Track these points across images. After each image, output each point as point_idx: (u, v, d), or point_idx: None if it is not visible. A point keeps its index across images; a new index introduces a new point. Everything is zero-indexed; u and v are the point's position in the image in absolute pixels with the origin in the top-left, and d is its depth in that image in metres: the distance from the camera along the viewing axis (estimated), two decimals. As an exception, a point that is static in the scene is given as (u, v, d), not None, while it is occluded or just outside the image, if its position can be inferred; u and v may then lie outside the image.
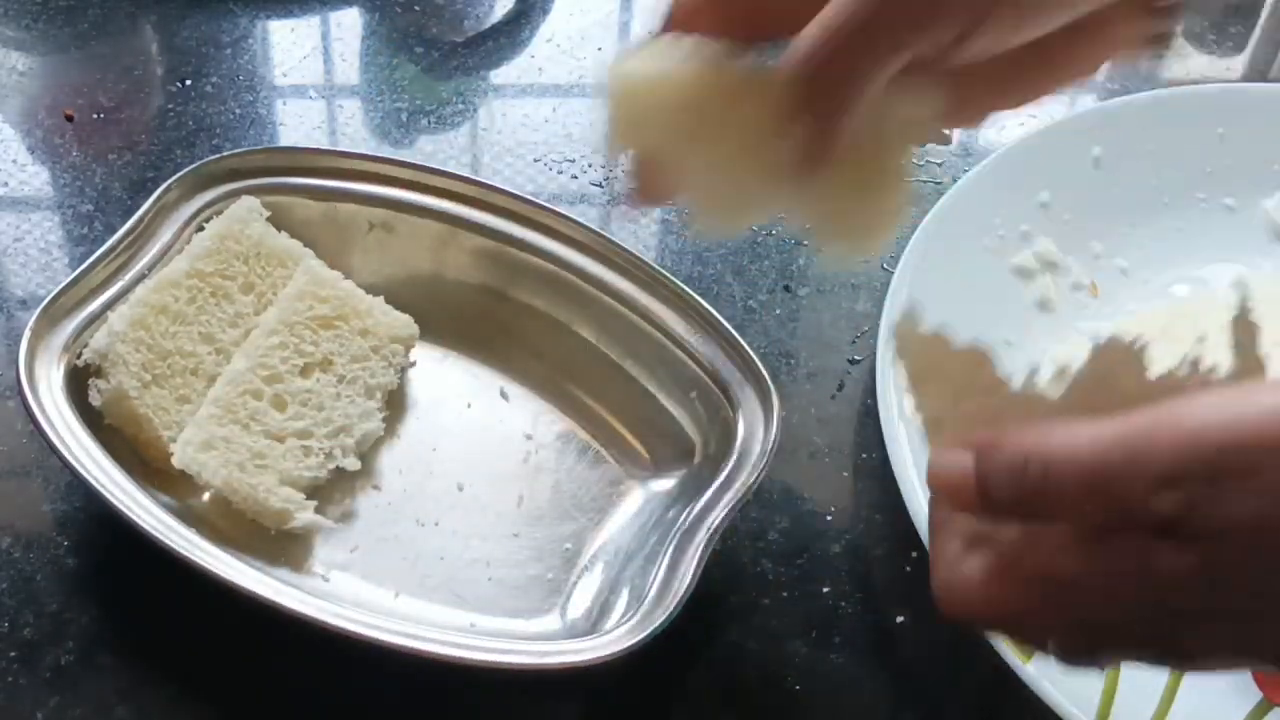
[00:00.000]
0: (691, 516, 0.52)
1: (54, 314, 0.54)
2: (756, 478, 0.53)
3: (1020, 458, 0.34)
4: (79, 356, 0.54)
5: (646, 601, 0.49)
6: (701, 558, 0.50)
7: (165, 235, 0.58)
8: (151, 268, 0.57)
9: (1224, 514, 0.31)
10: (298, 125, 0.74)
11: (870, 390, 0.61)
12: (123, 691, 0.50)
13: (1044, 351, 0.63)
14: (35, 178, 0.70)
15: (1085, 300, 0.65)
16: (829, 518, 0.58)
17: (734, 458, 0.54)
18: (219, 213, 0.59)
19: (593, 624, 0.52)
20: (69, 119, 0.72)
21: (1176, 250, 0.67)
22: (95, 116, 0.73)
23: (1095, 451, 0.33)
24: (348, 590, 0.53)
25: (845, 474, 0.60)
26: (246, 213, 0.59)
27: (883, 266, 0.68)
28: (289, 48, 0.79)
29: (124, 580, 0.54)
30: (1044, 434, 0.34)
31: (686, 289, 0.59)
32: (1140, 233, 0.67)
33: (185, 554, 0.48)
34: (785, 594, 0.55)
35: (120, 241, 0.56)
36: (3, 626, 0.52)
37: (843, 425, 0.62)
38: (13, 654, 0.51)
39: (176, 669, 0.51)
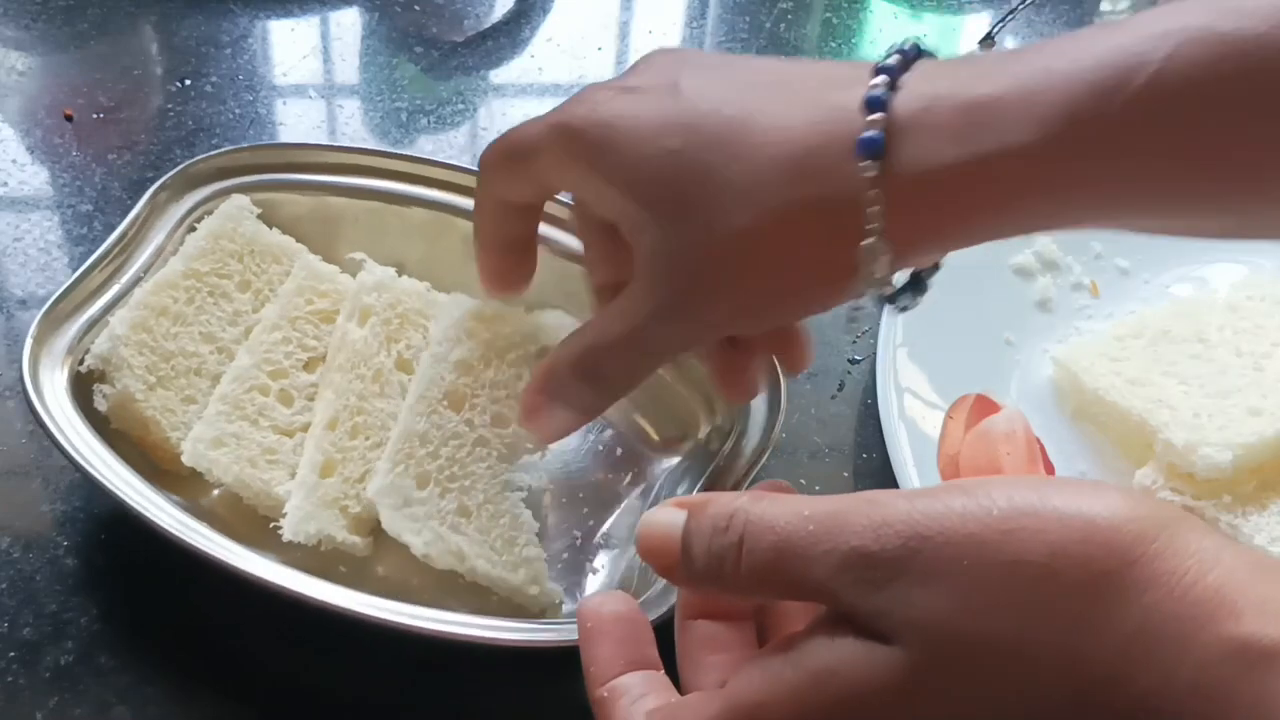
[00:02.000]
0: (702, 488, 0.53)
1: (54, 319, 0.54)
2: (768, 447, 0.54)
3: (726, 515, 0.34)
4: (81, 362, 0.53)
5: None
6: None
7: (158, 237, 0.58)
8: (147, 270, 0.57)
9: (906, 611, 0.31)
10: (297, 125, 0.74)
11: (870, 390, 0.61)
12: (123, 691, 0.50)
13: (1044, 352, 0.63)
14: (35, 177, 0.70)
15: (1085, 300, 0.65)
16: (829, 518, 0.58)
17: (742, 428, 0.55)
18: (209, 212, 0.59)
19: None
20: (69, 119, 0.72)
21: (1176, 250, 0.67)
22: (95, 116, 0.72)
23: (791, 520, 0.33)
24: (358, 583, 0.52)
25: (845, 474, 0.60)
26: (237, 211, 0.59)
27: (883, 266, 0.68)
28: (289, 47, 0.79)
29: (124, 580, 0.54)
30: (752, 499, 0.34)
31: None
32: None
33: (212, 553, 0.48)
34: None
35: (115, 245, 0.56)
36: (2, 626, 0.52)
37: (843, 425, 0.62)
38: (12, 654, 0.51)
39: (176, 669, 0.51)
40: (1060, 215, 0.39)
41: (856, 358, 0.65)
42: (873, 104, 0.37)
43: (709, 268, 0.40)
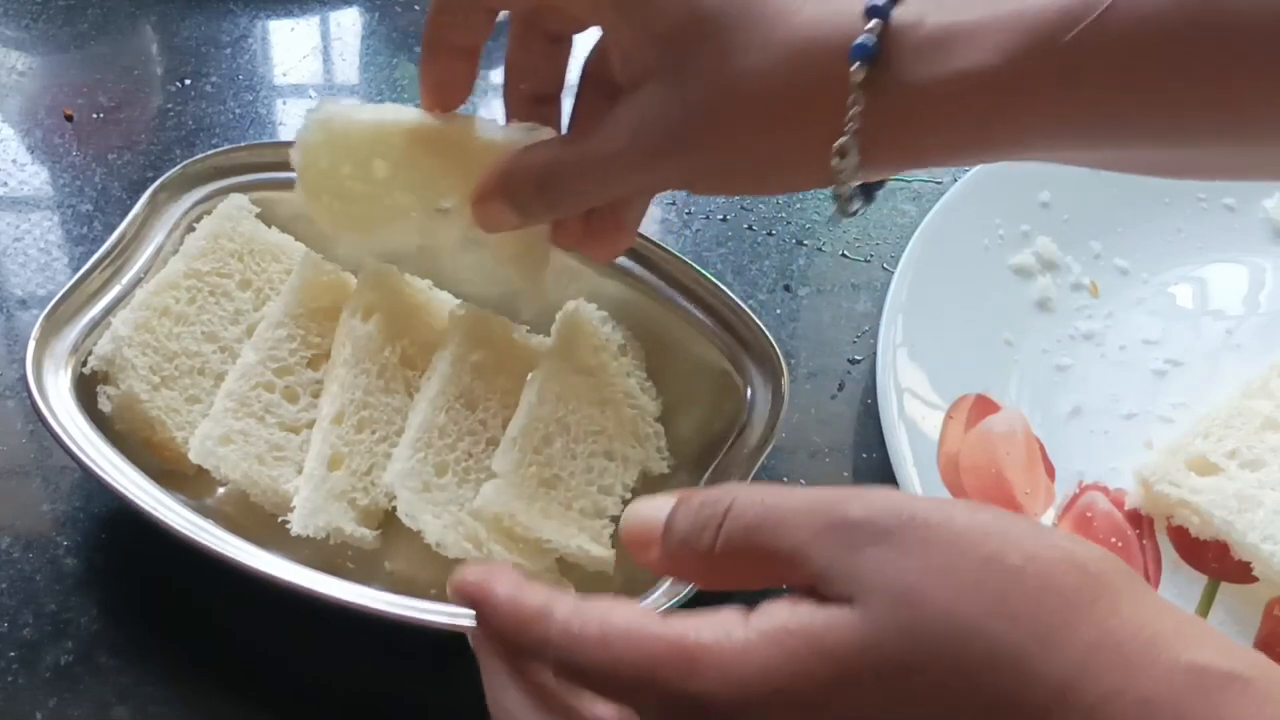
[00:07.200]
0: (707, 480, 0.53)
1: (56, 321, 0.54)
2: (769, 444, 0.54)
3: (717, 493, 0.35)
4: (84, 364, 0.53)
5: None
6: None
7: (158, 237, 0.58)
8: (147, 270, 0.57)
9: (876, 575, 0.31)
10: (297, 125, 0.74)
11: (870, 390, 0.61)
12: (123, 691, 0.50)
13: (1044, 352, 0.63)
14: (35, 177, 0.70)
15: (1085, 300, 0.65)
16: (829, 518, 0.58)
17: (743, 420, 0.55)
18: (208, 212, 0.59)
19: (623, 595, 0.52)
20: (69, 119, 0.72)
21: (1176, 250, 0.67)
22: (95, 116, 0.73)
23: (780, 493, 0.34)
24: (367, 579, 0.52)
25: (845, 474, 0.60)
26: (236, 210, 0.59)
27: (883, 267, 0.68)
28: (289, 47, 0.79)
29: (124, 580, 0.54)
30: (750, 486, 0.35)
31: (684, 258, 0.59)
32: (1140, 233, 0.67)
33: (224, 552, 0.48)
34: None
35: (115, 245, 0.57)
36: (2, 626, 0.52)
37: (843, 425, 0.62)
38: (12, 654, 0.51)
39: (176, 669, 0.51)
40: (1021, 142, 0.41)
41: (856, 358, 0.65)
42: (873, 11, 0.40)
43: (705, 118, 0.43)
